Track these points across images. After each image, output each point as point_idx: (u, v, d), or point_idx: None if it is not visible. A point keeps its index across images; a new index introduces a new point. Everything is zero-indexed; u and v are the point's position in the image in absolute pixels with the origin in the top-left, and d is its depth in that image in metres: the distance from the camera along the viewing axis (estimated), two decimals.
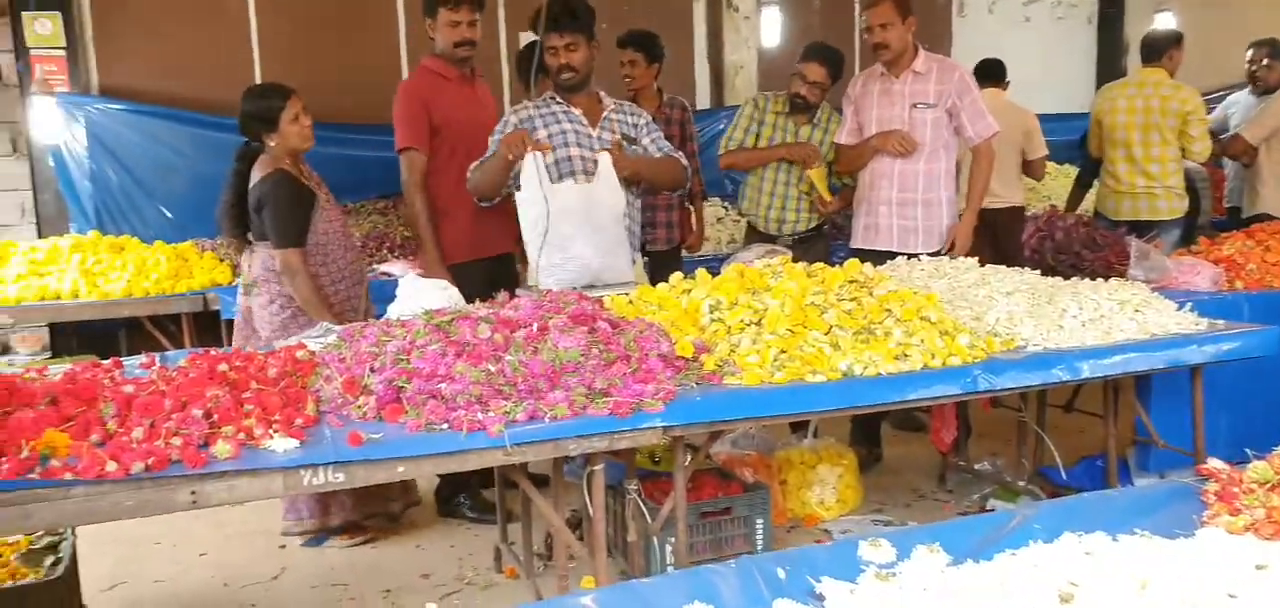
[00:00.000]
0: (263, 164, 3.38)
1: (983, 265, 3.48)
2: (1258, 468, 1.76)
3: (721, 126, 4.85)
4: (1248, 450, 1.82)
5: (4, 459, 1.92)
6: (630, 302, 2.95)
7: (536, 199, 3.21)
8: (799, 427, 4.15)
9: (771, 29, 6.93)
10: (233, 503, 2.05)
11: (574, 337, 2.37)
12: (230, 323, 4.70)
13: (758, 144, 4.37)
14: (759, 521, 3.33)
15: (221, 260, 4.99)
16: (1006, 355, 2.79)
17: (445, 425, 2.16)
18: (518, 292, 3.06)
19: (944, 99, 3.95)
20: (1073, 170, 5.98)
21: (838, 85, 4.41)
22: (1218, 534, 1.61)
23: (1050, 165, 6.69)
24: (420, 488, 3.91)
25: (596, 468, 2.37)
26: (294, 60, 5.83)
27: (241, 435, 2.06)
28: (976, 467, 4.14)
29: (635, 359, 2.42)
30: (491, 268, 3.75)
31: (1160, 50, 5.09)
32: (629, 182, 3.43)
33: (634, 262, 3.56)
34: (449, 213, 3.76)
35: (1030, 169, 5.28)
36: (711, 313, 2.76)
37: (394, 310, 2.95)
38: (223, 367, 2.41)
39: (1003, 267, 3.52)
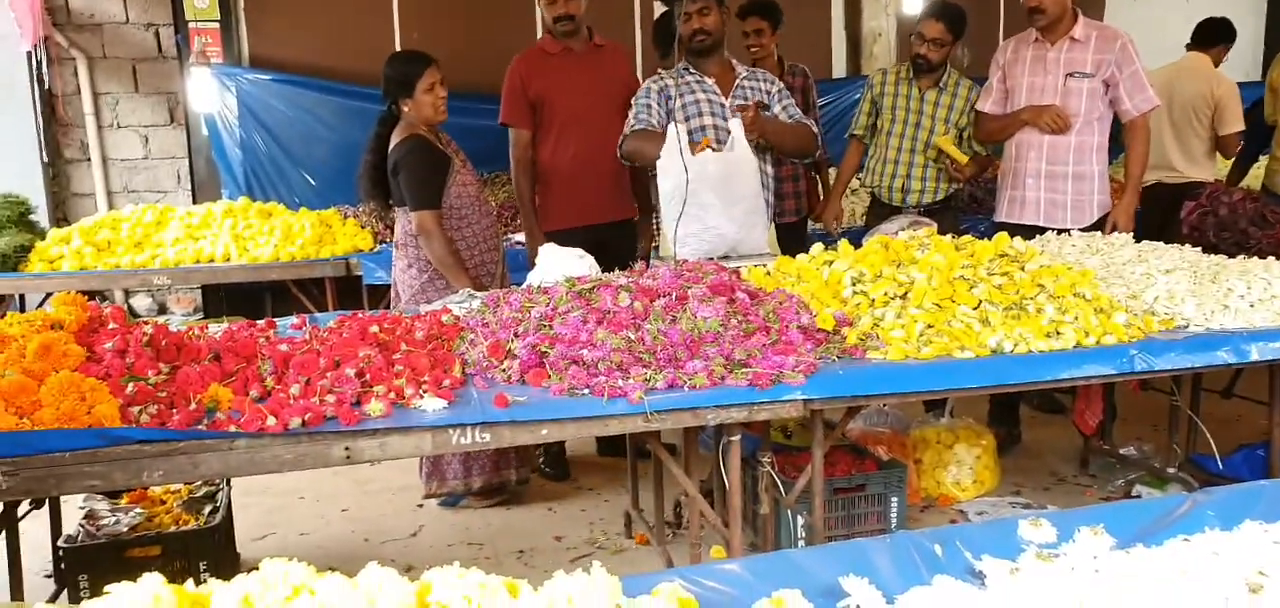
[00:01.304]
0: (400, 130, 3.49)
1: (1137, 241, 3.30)
2: None
3: (856, 96, 4.73)
4: None
5: (175, 411, 2.06)
6: (768, 273, 2.93)
7: (675, 168, 3.22)
8: (934, 405, 4.04)
9: None
10: (384, 460, 2.15)
11: (713, 306, 2.37)
12: (371, 288, 4.94)
13: (880, 122, 4.27)
14: (894, 499, 3.27)
15: (363, 227, 5.20)
16: (1166, 335, 2.64)
17: (587, 391, 2.20)
18: (653, 261, 3.08)
19: (1103, 69, 3.74)
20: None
21: (966, 47, 4.23)
22: None
23: None
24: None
25: (733, 439, 2.37)
26: (433, 33, 6.03)
27: (392, 395, 2.16)
28: (1121, 452, 3.94)
29: (775, 331, 2.41)
30: (598, 235, 3.80)
31: None
32: (761, 147, 3.40)
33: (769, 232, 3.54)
34: (551, 182, 3.94)
35: (1223, 145, 4.89)
36: (854, 286, 2.71)
37: (534, 277, 3.02)
38: (373, 328, 2.52)
39: (1161, 244, 3.32)
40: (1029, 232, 3.55)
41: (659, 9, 4.31)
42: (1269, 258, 3.18)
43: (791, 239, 4.23)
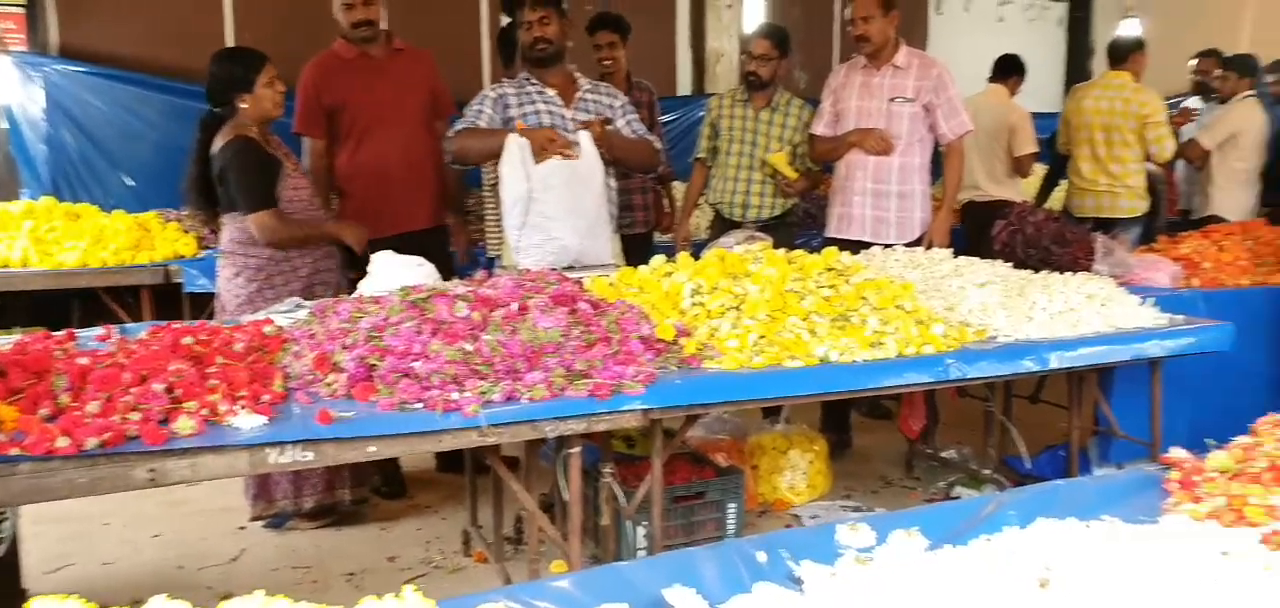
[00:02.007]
0: (226, 132, 3.30)
1: (957, 255, 3.52)
2: (1217, 458, 1.80)
3: (701, 113, 4.88)
4: (1208, 441, 1.86)
5: None
6: (611, 284, 2.93)
7: (519, 178, 3.18)
8: (771, 412, 4.17)
9: (753, 17, 6.95)
10: (195, 481, 2.01)
11: (554, 317, 2.35)
12: (194, 297, 4.63)
13: (719, 143, 4.41)
14: (731, 505, 3.34)
15: (186, 231, 4.88)
16: (978, 346, 2.82)
17: (419, 405, 2.13)
18: (495, 270, 3.03)
19: (923, 95, 3.98)
20: (1041, 168, 6.08)
21: (803, 70, 4.44)
22: (1182, 522, 1.64)
23: None
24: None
25: (573, 451, 2.36)
26: (267, 28, 5.72)
27: (205, 411, 2.02)
28: (943, 455, 4.18)
29: (616, 341, 2.41)
30: (408, 245, 3.64)
31: (1125, 54, 5.25)
32: (606, 161, 3.42)
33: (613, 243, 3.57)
34: (351, 193, 3.81)
35: (1017, 166, 5.38)
36: (693, 297, 2.75)
37: (367, 286, 2.91)
38: (187, 340, 2.36)
39: (976, 259, 3.56)
40: (857, 246, 3.73)
41: (506, 20, 4.27)
42: (1068, 273, 3.47)
43: (639, 251, 4.27)
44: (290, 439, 1.99)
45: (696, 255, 3.11)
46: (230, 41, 5.81)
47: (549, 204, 3.19)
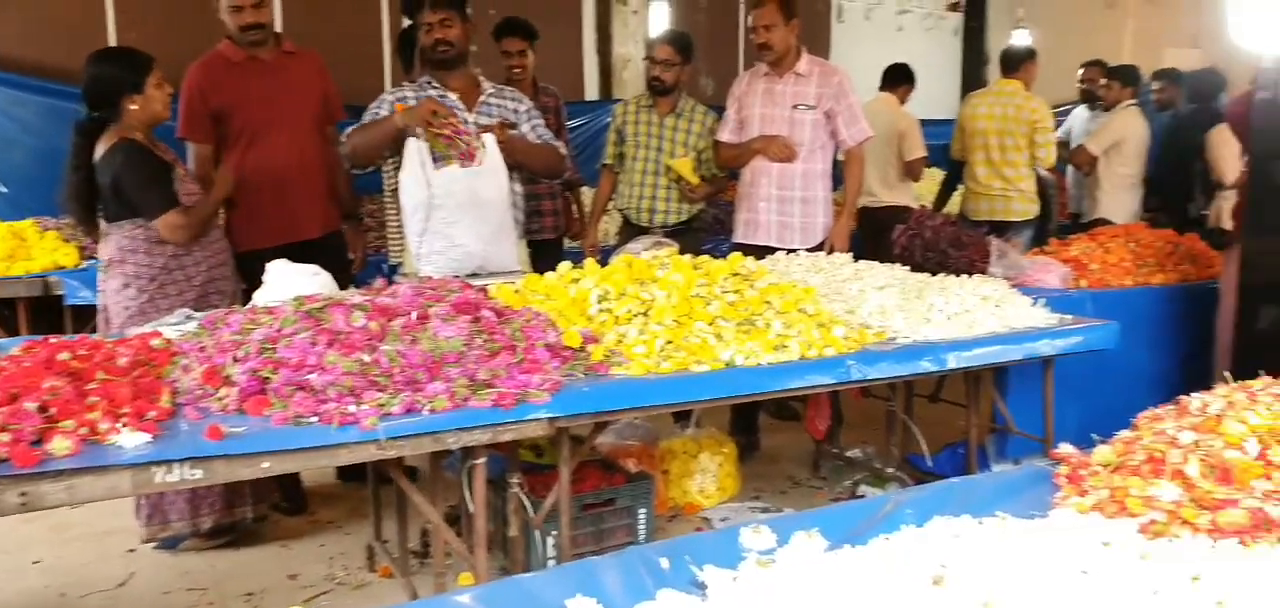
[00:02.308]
0: (109, 137, 3.14)
1: (857, 260, 3.60)
2: (1102, 452, 1.87)
3: (608, 118, 4.88)
4: (1094, 436, 1.93)
5: None
6: (516, 291, 2.90)
7: (418, 184, 3.12)
8: (681, 417, 4.19)
9: (659, 23, 7.00)
10: (72, 504, 1.90)
11: (456, 326, 2.31)
12: (75, 310, 4.40)
13: (626, 149, 4.42)
14: (642, 511, 3.34)
15: (67, 240, 4.62)
16: (878, 347, 2.88)
17: (314, 419, 2.06)
18: (397, 278, 2.97)
19: (824, 102, 4.06)
20: (940, 173, 6.29)
21: (709, 77, 4.50)
22: (1068, 515, 1.70)
23: None
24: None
25: (478, 462, 2.32)
26: (152, 28, 5.49)
27: (84, 431, 1.91)
28: (848, 454, 4.27)
29: (521, 349, 2.38)
30: (301, 253, 3.48)
31: (1017, 63, 5.48)
32: (511, 166, 3.39)
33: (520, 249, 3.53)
34: (239, 200, 3.64)
35: (908, 170, 5.56)
36: (600, 303, 2.74)
37: (261, 297, 2.81)
38: (64, 355, 2.23)
39: (876, 263, 3.64)
40: (763, 251, 3.78)
41: (407, 22, 4.20)
42: (964, 276, 3.58)
43: (548, 257, 4.23)
44: (177, 457, 1.90)
45: (605, 262, 3.10)
46: (113, 41, 5.55)
47: (450, 210, 3.14)
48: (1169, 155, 5.98)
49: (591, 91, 7.06)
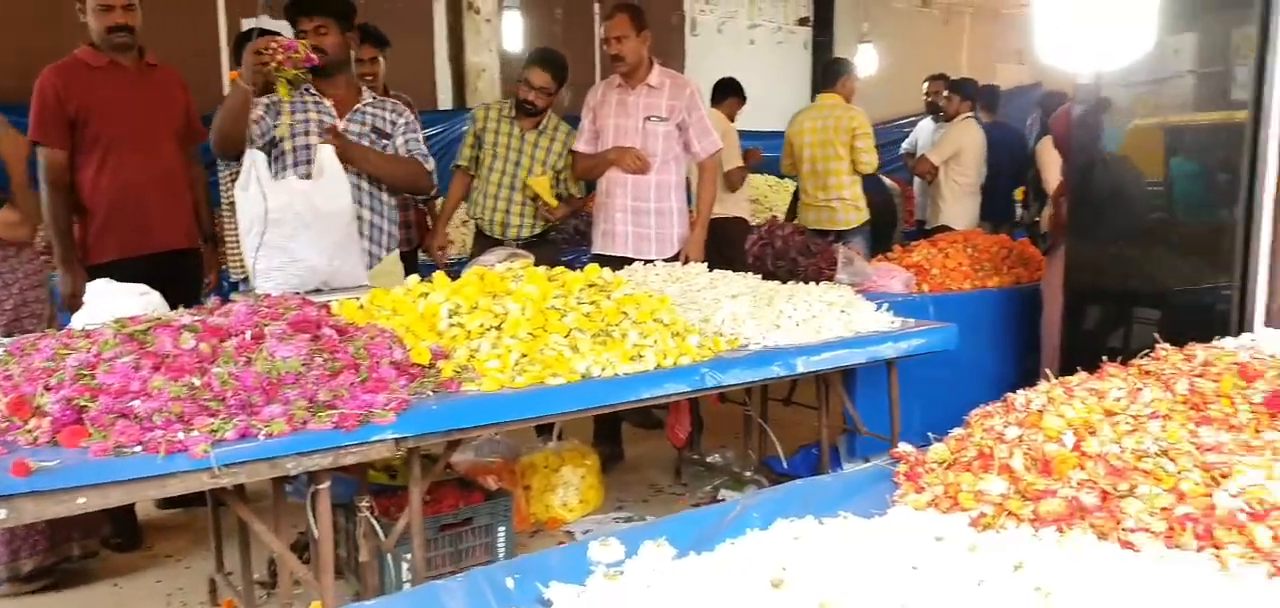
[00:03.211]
0: None
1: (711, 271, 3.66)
2: (937, 450, 1.95)
3: (462, 128, 4.80)
4: (930, 434, 2.01)
5: None
6: (361, 306, 2.80)
7: (254, 197, 2.97)
8: (544, 431, 4.15)
9: (513, 33, 6.94)
10: None
11: (294, 345, 2.20)
12: None
13: (481, 154, 4.37)
14: (501, 529, 3.28)
15: None
16: (731, 354, 2.93)
17: (138, 448, 1.92)
18: (234, 296, 2.82)
19: (675, 114, 4.12)
20: (792, 184, 6.50)
21: (568, 89, 4.51)
22: (905, 512, 1.77)
23: (772, 180, 7.26)
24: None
25: (320, 487, 2.22)
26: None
27: None
28: (709, 460, 4.34)
29: (365, 368, 2.30)
30: (157, 267, 3.43)
31: (835, 78, 5.73)
32: (363, 175, 3.31)
33: (377, 260, 3.44)
34: (95, 210, 3.50)
35: (727, 180, 5.70)
36: (450, 317, 2.68)
37: (79, 319, 2.60)
38: None
39: (730, 272, 3.71)
40: (620, 262, 3.80)
41: (246, 24, 4.01)
42: (813, 283, 3.70)
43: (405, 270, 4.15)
44: None
45: (455, 272, 3.04)
46: None
47: (289, 224, 3.01)
48: (990, 164, 6.38)
49: (445, 101, 6.93)
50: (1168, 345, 2.21)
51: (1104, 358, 2.20)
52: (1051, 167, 5.64)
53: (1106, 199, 3.58)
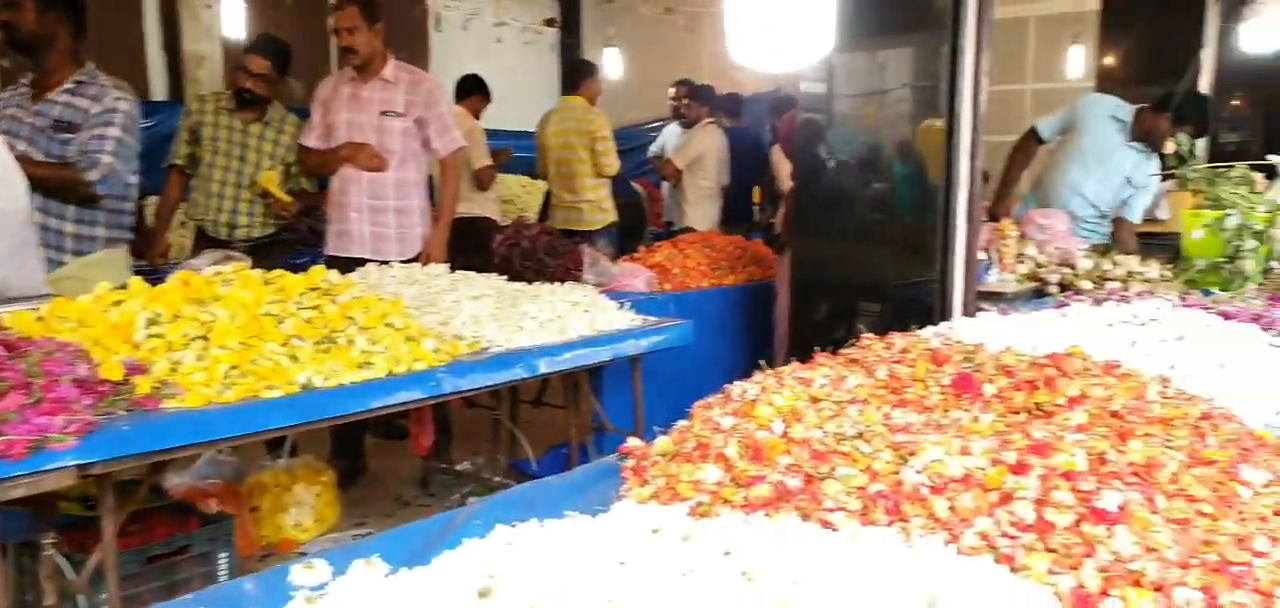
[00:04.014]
0: None
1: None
2: (661, 442, 1.99)
3: (179, 122, 4.37)
4: (656, 427, 2.05)
5: None
6: (40, 318, 2.46)
7: None
8: (276, 446, 3.87)
9: (234, 20, 6.41)
10: None
11: None
12: None
13: (199, 150, 4.03)
14: (222, 556, 3.02)
15: None
16: (471, 358, 2.86)
17: None
18: None
19: (413, 110, 3.98)
20: (544, 185, 6.51)
21: (297, 80, 4.25)
22: (628, 506, 1.78)
23: (523, 179, 7.24)
24: None
25: None
26: None
27: None
28: (458, 468, 4.24)
29: (39, 387, 2.01)
30: None
31: (578, 80, 5.83)
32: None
33: (58, 266, 3.05)
34: None
35: (477, 179, 5.67)
36: (149, 327, 2.41)
37: None
38: None
39: (473, 273, 3.63)
40: (358, 264, 3.61)
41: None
42: (559, 283, 3.71)
43: None
44: None
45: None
46: None
47: None
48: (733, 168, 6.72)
49: (159, 91, 6.29)
50: (872, 335, 2.39)
51: (821, 349, 2.34)
52: (783, 169, 6.02)
53: (828, 201, 3.86)
